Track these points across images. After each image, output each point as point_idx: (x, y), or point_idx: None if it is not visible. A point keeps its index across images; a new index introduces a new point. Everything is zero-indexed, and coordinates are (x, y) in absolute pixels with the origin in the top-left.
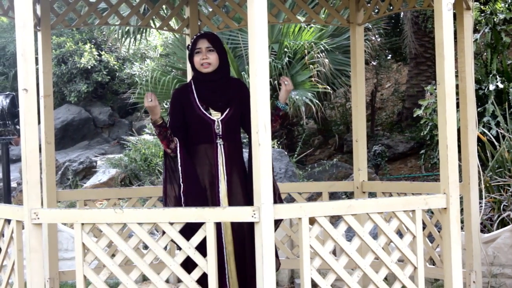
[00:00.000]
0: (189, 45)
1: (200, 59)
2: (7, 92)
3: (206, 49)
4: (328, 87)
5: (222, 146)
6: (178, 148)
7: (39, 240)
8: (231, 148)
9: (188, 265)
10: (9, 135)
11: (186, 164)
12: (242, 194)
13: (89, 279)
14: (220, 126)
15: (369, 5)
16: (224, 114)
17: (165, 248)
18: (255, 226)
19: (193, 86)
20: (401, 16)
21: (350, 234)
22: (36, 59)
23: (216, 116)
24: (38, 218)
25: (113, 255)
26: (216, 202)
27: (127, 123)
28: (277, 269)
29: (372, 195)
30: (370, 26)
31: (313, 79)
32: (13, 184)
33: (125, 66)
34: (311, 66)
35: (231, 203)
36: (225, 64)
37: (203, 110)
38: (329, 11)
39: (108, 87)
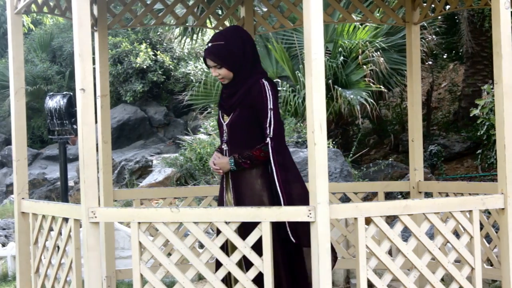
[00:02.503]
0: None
1: (213, 75)
2: (64, 92)
3: (214, 67)
4: (382, 86)
5: (226, 151)
6: None
7: (97, 239)
8: (236, 153)
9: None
10: (66, 135)
11: None
12: (250, 201)
13: (146, 277)
14: (226, 131)
15: (425, 4)
16: (229, 118)
17: (221, 247)
18: (310, 226)
19: None
20: (458, 15)
21: (405, 234)
22: (93, 59)
23: (226, 120)
24: (96, 217)
25: (169, 254)
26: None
27: (182, 122)
28: (333, 265)
29: (428, 195)
30: (426, 25)
31: (366, 79)
32: (70, 183)
33: (180, 66)
34: (364, 66)
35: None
36: (241, 68)
37: (220, 113)
38: (384, 10)
39: (164, 87)
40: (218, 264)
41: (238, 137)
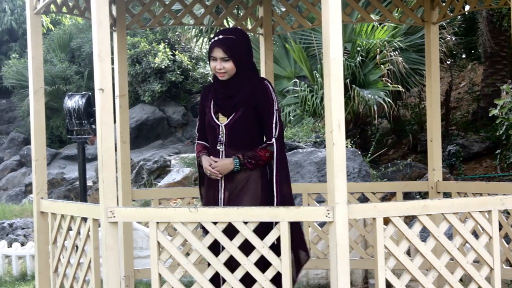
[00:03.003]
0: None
1: (214, 67)
2: (83, 92)
3: (221, 59)
4: (401, 86)
5: (222, 153)
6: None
7: (115, 238)
8: (236, 154)
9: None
10: (85, 135)
11: (200, 169)
12: (251, 202)
13: (164, 277)
14: (224, 132)
15: (444, 3)
16: (229, 119)
17: (240, 247)
18: (329, 226)
19: (213, 87)
20: (477, 14)
21: (424, 234)
22: (112, 59)
23: (222, 120)
24: (114, 217)
25: (187, 254)
26: None
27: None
28: (305, 262)
29: (446, 195)
30: (445, 24)
31: (384, 79)
32: (89, 183)
33: (198, 66)
34: (382, 66)
35: None
36: (245, 65)
37: (212, 113)
38: (403, 10)
39: (182, 87)
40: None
41: (239, 138)
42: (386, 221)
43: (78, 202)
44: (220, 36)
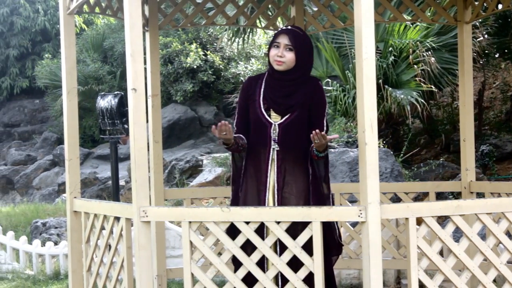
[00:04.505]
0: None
1: (275, 54)
2: (116, 92)
3: (284, 46)
4: (433, 86)
5: (275, 152)
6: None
7: (148, 238)
8: (289, 155)
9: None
10: (117, 134)
11: (237, 167)
12: (301, 204)
13: (196, 276)
14: (277, 131)
15: (477, 3)
16: (284, 118)
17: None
18: (361, 226)
19: (263, 80)
20: (510, 13)
21: (457, 234)
22: (144, 59)
23: (275, 119)
24: (147, 216)
25: (219, 253)
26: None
27: (232, 122)
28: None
29: (480, 195)
30: (478, 24)
31: (417, 78)
32: (121, 182)
33: (230, 66)
34: (415, 66)
35: None
36: (304, 64)
37: (262, 109)
38: (436, 9)
39: (214, 87)
40: (238, 264)
41: (291, 138)
42: (419, 221)
43: (111, 201)
44: (288, 27)
